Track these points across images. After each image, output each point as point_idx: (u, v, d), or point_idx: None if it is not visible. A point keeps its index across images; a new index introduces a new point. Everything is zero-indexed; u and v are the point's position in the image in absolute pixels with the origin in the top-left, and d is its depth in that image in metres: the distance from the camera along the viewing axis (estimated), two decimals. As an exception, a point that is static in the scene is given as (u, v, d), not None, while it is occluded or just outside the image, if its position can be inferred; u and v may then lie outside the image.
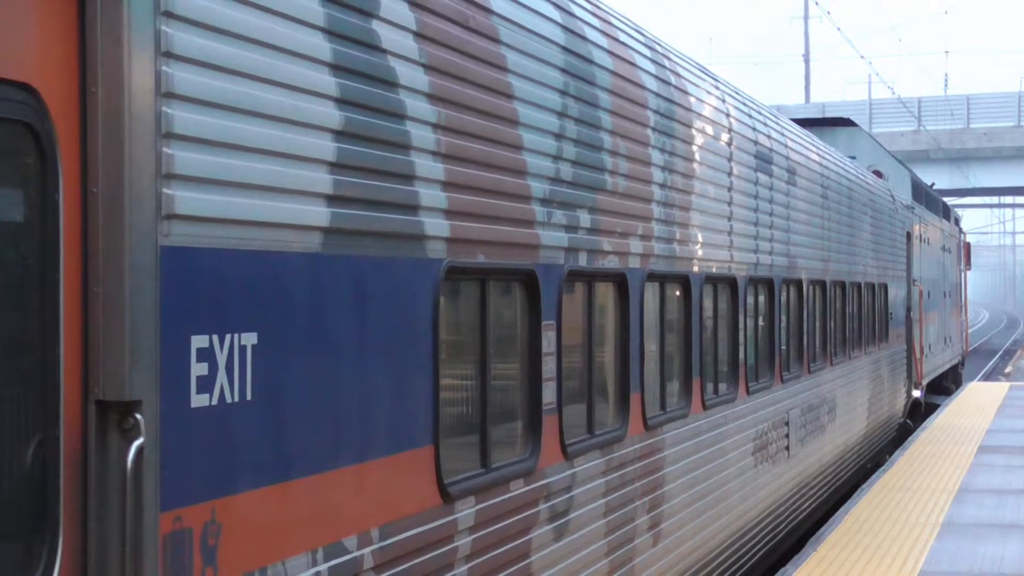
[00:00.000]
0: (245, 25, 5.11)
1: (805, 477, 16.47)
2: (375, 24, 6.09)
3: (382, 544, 6.03)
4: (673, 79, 10.97)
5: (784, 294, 15.24)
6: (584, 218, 8.64)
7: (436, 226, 6.60)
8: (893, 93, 64.79)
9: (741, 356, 13.05)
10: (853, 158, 26.15)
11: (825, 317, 17.69)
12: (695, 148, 11.47)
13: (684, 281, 11.09)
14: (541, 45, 8.05)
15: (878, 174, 27.63)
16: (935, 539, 14.00)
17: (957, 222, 43.07)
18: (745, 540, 13.30)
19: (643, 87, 10.04)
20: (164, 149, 4.61)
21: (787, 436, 15.23)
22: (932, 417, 26.37)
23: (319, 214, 5.58)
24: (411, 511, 6.33)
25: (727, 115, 12.73)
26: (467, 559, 6.90)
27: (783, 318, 15.15)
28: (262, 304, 5.19)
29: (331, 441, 5.66)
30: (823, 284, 17.45)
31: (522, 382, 7.88)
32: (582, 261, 8.60)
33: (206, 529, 4.82)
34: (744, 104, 13.84)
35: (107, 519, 4.40)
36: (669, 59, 11.16)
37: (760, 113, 14.58)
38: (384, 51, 6.16)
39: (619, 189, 9.36)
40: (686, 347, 11.20)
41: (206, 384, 4.84)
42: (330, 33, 5.71)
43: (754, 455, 13.60)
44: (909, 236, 27.17)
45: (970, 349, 56.55)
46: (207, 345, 4.84)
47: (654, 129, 10.24)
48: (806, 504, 16.57)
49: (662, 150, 10.44)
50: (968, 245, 44.63)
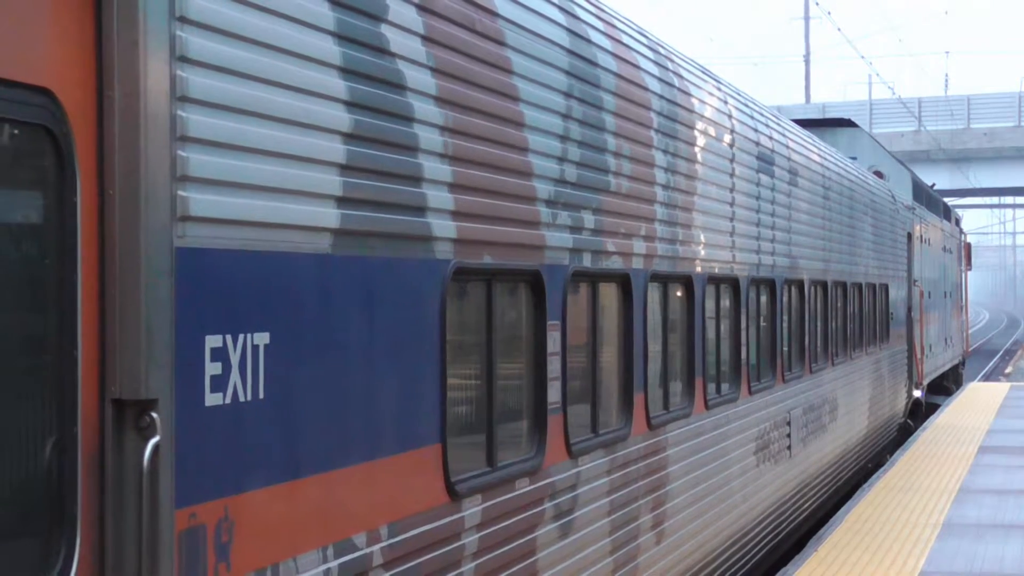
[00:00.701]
0: (257, 29, 5.18)
1: (807, 477, 16.52)
2: (384, 28, 6.16)
3: (391, 541, 6.09)
4: (676, 81, 11.04)
5: (786, 294, 15.29)
6: (588, 219, 8.71)
7: (443, 227, 6.67)
8: (893, 93, 64.89)
9: (743, 356, 13.10)
10: (854, 159, 26.20)
11: (826, 317, 17.73)
12: (698, 149, 11.53)
13: (687, 282, 11.15)
14: (546, 48, 8.12)
15: (879, 175, 27.65)
16: (935, 539, 14.03)
17: (958, 222, 43.10)
18: (747, 539, 13.36)
19: (646, 89, 10.10)
20: (179, 152, 4.67)
21: (789, 436, 15.27)
22: (933, 417, 26.40)
23: (329, 215, 5.64)
24: (419, 509, 6.39)
25: (729, 116, 12.79)
26: (474, 556, 6.97)
27: (785, 318, 15.20)
28: (274, 304, 5.25)
29: (341, 439, 5.73)
30: (824, 284, 17.50)
31: (527, 382, 7.94)
32: (586, 262, 8.66)
33: (220, 526, 4.89)
34: (746, 105, 13.90)
35: (124, 516, 4.46)
36: (672, 61, 11.23)
37: (762, 114, 14.63)
38: (392, 54, 6.22)
39: (623, 190, 9.43)
40: (689, 347, 11.26)
41: (220, 383, 4.91)
42: (340, 37, 5.78)
43: (756, 455, 13.66)
44: (910, 236, 27.21)
45: (971, 349, 56.53)
46: (221, 345, 4.91)
47: (657, 131, 10.31)
48: (807, 503, 16.62)
49: (665, 151, 10.51)
50: (968, 245, 44.64)
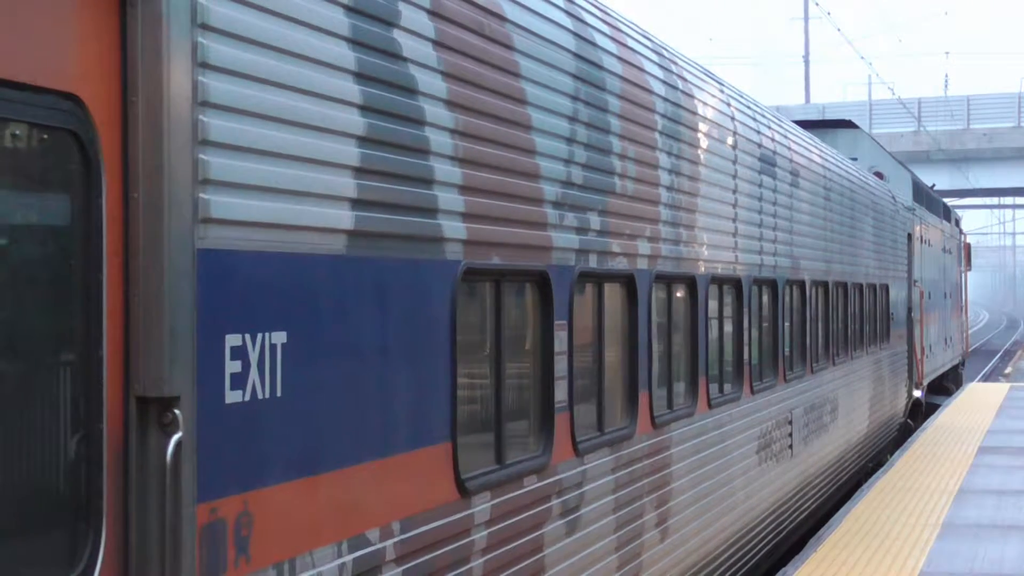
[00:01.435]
0: (274, 36, 5.30)
1: (808, 476, 16.62)
2: (396, 33, 6.28)
3: (403, 537, 6.21)
4: (679, 83, 11.15)
5: (787, 295, 15.40)
6: (594, 220, 8.82)
7: (453, 228, 6.78)
8: (893, 94, 64.90)
9: (746, 356, 13.20)
10: (854, 160, 26.30)
11: (827, 317, 17.83)
12: (701, 151, 11.64)
13: (690, 282, 11.26)
14: (552, 52, 8.23)
15: (879, 175, 27.75)
16: (935, 540, 14.10)
17: (957, 223, 43.17)
18: (749, 537, 13.46)
19: (651, 91, 10.21)
20: (200, 156, 4.79)
21: (790, 435, 15.37)
22: (933, 417, 26.49)
23: (344, 217, 5.76)
24: (430, 505, 6.51)
25: (731, 118, 12.90)
26: (483, 552, 7.09)
27: (786, 319, 15.31)
28: (291, 304, 5.37)
29: (355, 437, 5.84)
30: (825, 285, 17.60)
31: (535, 380, 8.05)
32: (592, 262, 8.78)
33: (239, 520, 5.01)
34: (748, 107, 14.01)
35: (147, 510, 4.57)
36: (675, 64, 11.34)
37: (763, 116, 14.74)
38: (405, 59, 6.34)
39: (628, 192, 9.54)
40: (692, 347, 11.36)
41: (239, 381, 5.02)
42: (354, 43, 5.90)
43: (758, 453, 13.76)
44: (910, 237, 27.30)
45: (970, 350, 56.61)
46: (240, 343, 5.03)
47: (661, 133, 10.42)
48: (808, 502, 16.71)
49: (669, 153, 10.62)
50: (968, 246, 44.71)
